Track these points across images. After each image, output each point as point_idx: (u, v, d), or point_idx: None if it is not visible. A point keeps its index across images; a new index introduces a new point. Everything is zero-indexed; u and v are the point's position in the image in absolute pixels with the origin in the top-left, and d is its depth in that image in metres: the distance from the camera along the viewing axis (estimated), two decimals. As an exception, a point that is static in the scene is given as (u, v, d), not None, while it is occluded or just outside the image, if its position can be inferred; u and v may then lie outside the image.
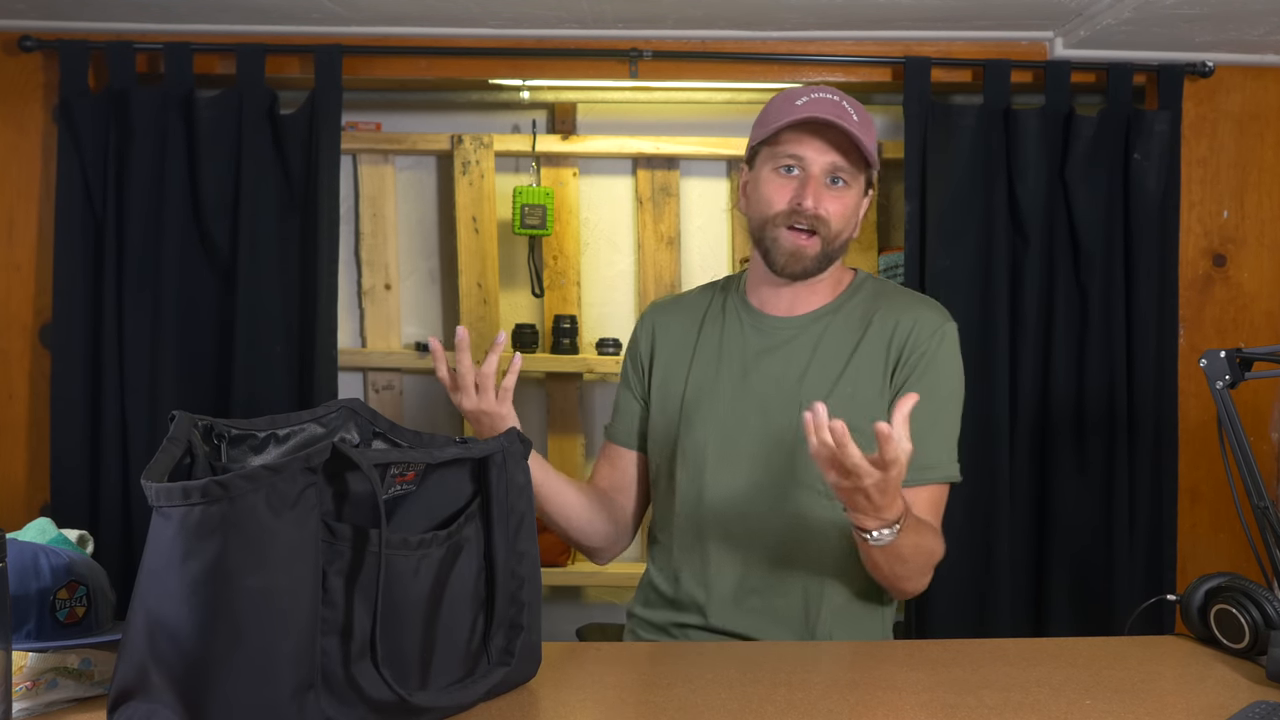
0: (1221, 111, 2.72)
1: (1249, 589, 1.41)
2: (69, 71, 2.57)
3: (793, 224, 1.56)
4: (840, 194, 1.57)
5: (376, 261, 2.92)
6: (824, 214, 1.56)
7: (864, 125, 1.57)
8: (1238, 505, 1.54)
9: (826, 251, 1.59)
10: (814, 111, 1.53)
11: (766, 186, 1.59)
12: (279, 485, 0.98)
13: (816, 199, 1.55)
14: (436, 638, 1.13)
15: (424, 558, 1.12)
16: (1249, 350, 1.57)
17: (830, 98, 1.56)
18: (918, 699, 1.23)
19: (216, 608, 0.96)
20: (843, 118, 1.53)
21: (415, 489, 1.13)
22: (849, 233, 1.62)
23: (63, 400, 2.57)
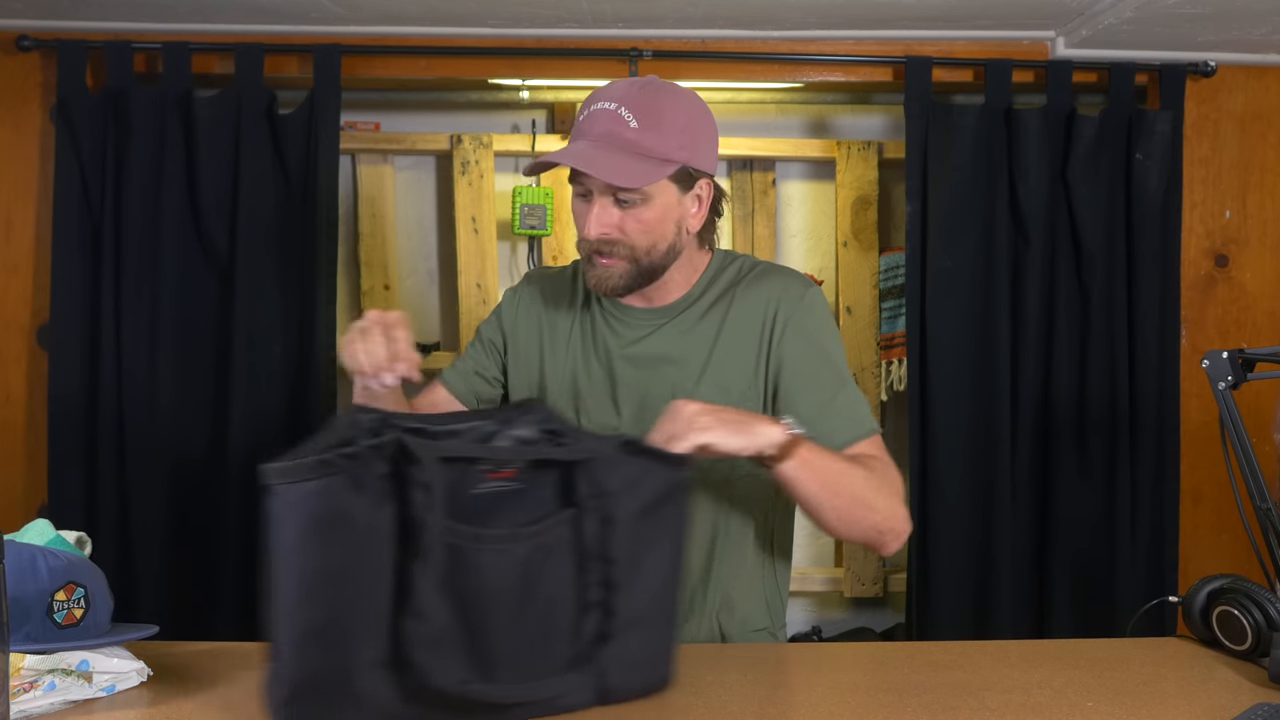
0: (1223, 111, 2.72)
1: (1251, 590, 1.41)
2: (67, 71, 2.56)
3: (590, 250, 1.51)
4: (634, 212, 1.48)
5: (375, 262, 2.91)
6: (618, 235, 1.49)
7: (649, 128, 1.45)
8: (1240, 506, 1.54)
9: (640, 267, 1.52)
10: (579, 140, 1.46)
11: (574, 210, 1.55)
12: (355, 471, 1.07)
13: (599, 226, 1.47)
14: (520, 634, 1.14)
15: (503, 553, 1.13)
16: (1251, 351, 1.56)
17: (607, 107, 1.46)
18: (919, 701, 1.23)
19: (298, 579, 1.05)
20: (612, 135, 1.44)
21: (522, 486, 1.16)
22: (666, 241, 1.52)
23: (60, 401, 2.56)
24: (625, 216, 1.48)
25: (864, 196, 2.84)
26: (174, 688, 1.25)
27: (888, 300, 2.83)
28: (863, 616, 2.97)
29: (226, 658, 1.37)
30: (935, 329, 2.60)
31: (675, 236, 1.53)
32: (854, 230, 2.85)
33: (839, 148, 2.86)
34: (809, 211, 2.99)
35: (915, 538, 2.60)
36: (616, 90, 1.48)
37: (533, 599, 1.14)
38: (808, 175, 3.00)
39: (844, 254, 2.85)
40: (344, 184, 2.79)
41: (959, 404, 2.60)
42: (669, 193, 1.50)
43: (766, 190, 2.92)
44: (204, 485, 2.57)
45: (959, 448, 2.60)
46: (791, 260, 2.97)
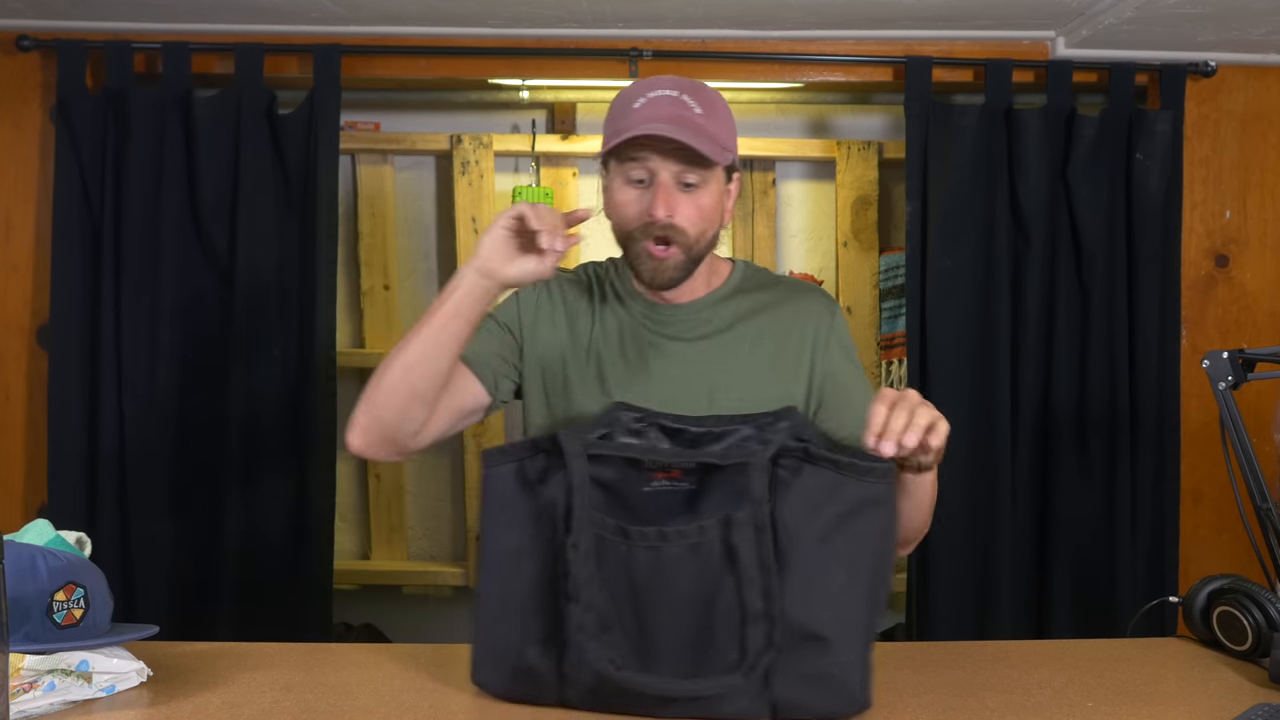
0: (1224, 111, 2.72)
1: (1251, 591, 1.41)
2: (66, 71, 2.56)
3: (649, 236, 1.50)
4: (694, 197, 1.50)
5: (375, 262, 2.91)
6: (678, 223, 1.49)
7: (710, 116, 1.49)
8: (1240, 507, 1.54)
9: (690, 258, 1.54)
10: (651, 120, 1.46)
11: (619, 198, 1.53)
12: (525, 463, 1.22)
13: (669, 208, 1.48)
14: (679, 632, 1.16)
15: (653, 551, 1.17)
16: (1251, 351, 1.56)
17: (668, 94, 1.49)
18: (919, 701, 1.23)
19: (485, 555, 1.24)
20: (682, 119, 1.46)
21: (692, 488, 1.20)
22: (713, 230, 1.56)
23: (60, 401, 2.56)
24: (685, 201, 1.50)
25: (864, 196, 2.84)
26: (174, 688, 1.25)
27: (888, 300, 2.83)
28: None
29: (226, 658, 1.37)
30: (935, 329, 2.60)
31: (716, 229, 1.56)
32: (854, 230, 2.85)
33: (839, 148, 2.86)
34: (809, 211, 2.99)
35: (915, 538, 2.60)
36: (667, 81, 1.52)
37: (689, 599, 1.17)
38: (808, 175, 3.00)
39: (844, 254, 2.85)
40: (344, 184, 2.79)
41: (959, 404, 2.59)
42: (719, 181, 1.54)
43: (766, 190, 2.92)
44: (204, 485, 2.57)
45: (959, 448, 2.59)
46: (792, 260, 2.97)
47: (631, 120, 1.48)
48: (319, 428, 2.56)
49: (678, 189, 1.49)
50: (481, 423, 2.82)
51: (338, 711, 1.18)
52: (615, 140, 1.47)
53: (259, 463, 2.56)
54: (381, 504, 2.95)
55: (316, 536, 2.55)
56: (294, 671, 1.32)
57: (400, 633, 2.87)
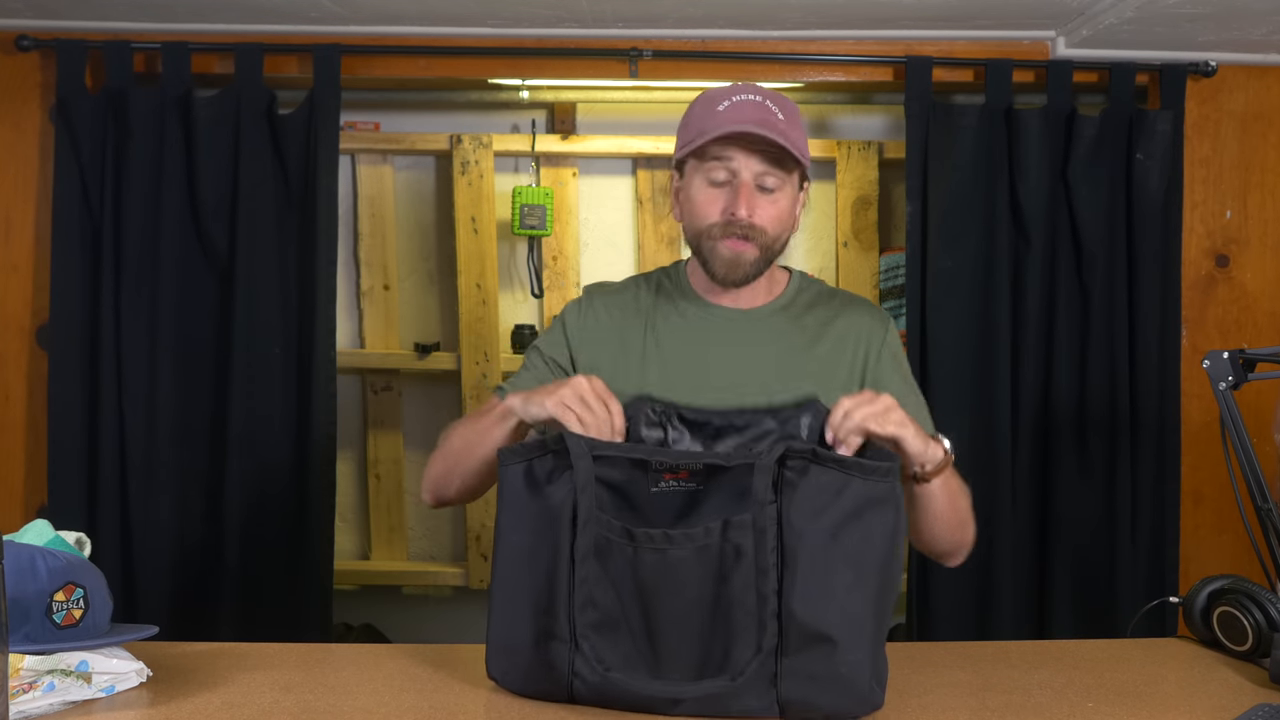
0: (1224, 111, 2.72)
1: (1252, 591, 1.41)
2: (66, 71, 2.56)
3: (729, 234, 1.53)
4: (773, 200, 1.54)
5: (375, 262, 2.91)
6: (758, 223, 1.53)
7: (791, 123, 1.53)
8: (1240, 507, 1.54)
9: (765, 257, 1.57)
10: (738, 121, 1.50)
11: (699, 197, 1.56)
12: (534, 463, 1.25)
13: (750, 208, 1.52)
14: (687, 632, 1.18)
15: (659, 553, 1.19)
16: (1252, 351, 1.56)
17: (753, 99, 1.53)
18: (919, 702, 1.23)
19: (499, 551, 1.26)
20: (767, 123, 1.49)
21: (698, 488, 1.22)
22: (787, 234, 1.60)
23: (60, 401, 2.56)
24: (765, 203, 1.53)
25: (864, 196, 2.84)
26: (173, 688, 1.24)
27: (888, 300, 2.83)
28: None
29: (226, 658, 1.37)
30: (935, 329, 2.59)
31: (789, 234, 1.60)
32: (854, 230, 2.85)
33: (839, 148, 2.86)
34: (809, 211, 2.99)
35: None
36: (750, 87, 1.56)
37: (696, 600, 1.18)
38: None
39: (844, 254, 2.85)
40: (344, 184, 2.79)
41: (959, 404, 2.59)
42: (795, 186, 1.57)
43: (767, 190, 2.92)
44: (203, 486, 2.57)
45: (959, 448, 2.58)
46: (792, 260, 2.97)
47: (717, 121, 1.51)
48: (319, 428, 2.56)
49: (756, 190, 1.53)
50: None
51: (337, 712, 1.18)
52: (703, 138, 1.50)
53: (259, 463, 2.56)
54: (381, 504, 2.95)
55: (316, 537, 2.55)
56: (294, 672, 1.32)
57: (400, 633, 2.87)
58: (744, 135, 1.49)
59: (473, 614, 2.94)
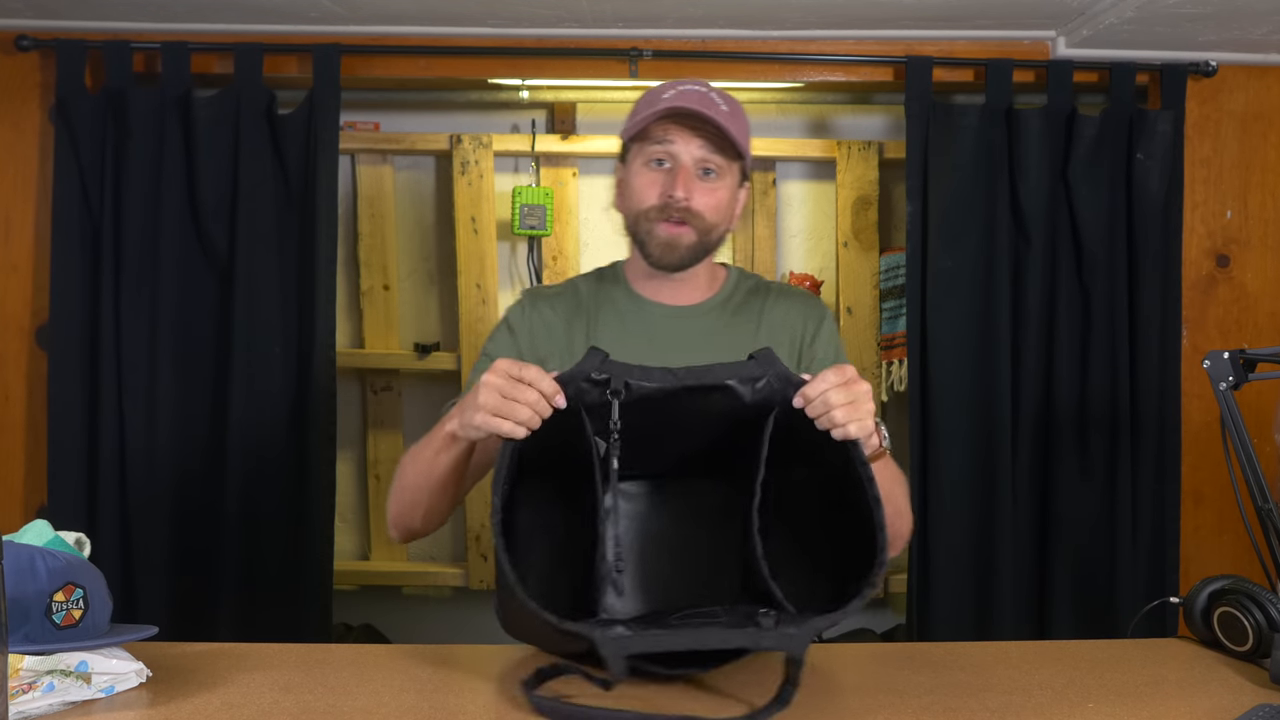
0: (1225, 111, 2.72)
1: (1252, 591, 1.40)
2: (66, 71, 2.56)
3: (666, 217, 1.55)
4: (712, 186, 1.56)
5: (375, 262, 2.91)
6: (696, 207, 1.54)
7: (733, 116, 1.54)
8: (1241, 507, 1.53)
9: (702, 243, 1.58)
10: (679, 103, 1.52)
11: (638, 180, 1.57)
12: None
13: (688, 190, 1.53)
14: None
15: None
16: (1252, 351, 1.56)
17: (697, 89, 1.55)
18: (919, 702, 1.22)
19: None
20: (709, 108, 1.51)
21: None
22: (724, 225, 1.60)
23: (60, 402, 2.56)
24: (704, 189, 1.54)
25: (864, 196, 2.84)
26: (173, 689, 1.24)
27: (888, 300, 2.83)
28: (863, 617, 2.97)
29: (226, 658, 1.37)
30: (936, 329, 2.59)
31: (726, 227, 1.61)
32: (854, 230, 2.85)
33: (839, 148, 2.85)
34: (809, 211, 2.99)
35: (916, 538, 2.60)
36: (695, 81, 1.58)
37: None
38: (808, 175, 2.99)
39: (844, 254, 2.85)
40: (343, 184, 2.79)
41: (960, 404, 2.59)
42: (734, 181, 1.59)
43: (767, 190, 2.92)
44: (203, 486, 2.57)
45: (960, 448, 2.59)
46: (792, 260, 2.97)
47: (659, 107, 1.53)
48: (319, 428, 2.56)
49: (698, 175, 1.54)
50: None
51: (337, 712, 1.18)
52: (643, 118, 1.52)
53: (258, 463, 2.56)
54: (381, 504, 2.93)
55: (316, 537, 2.55)
56: (293, 672, 1.32)
57: (400, 633, 2.87)
58: (684, 113, 1.50)
59: (473, 614, 2.94)
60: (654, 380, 1.25)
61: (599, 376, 1.24)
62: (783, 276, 2.93)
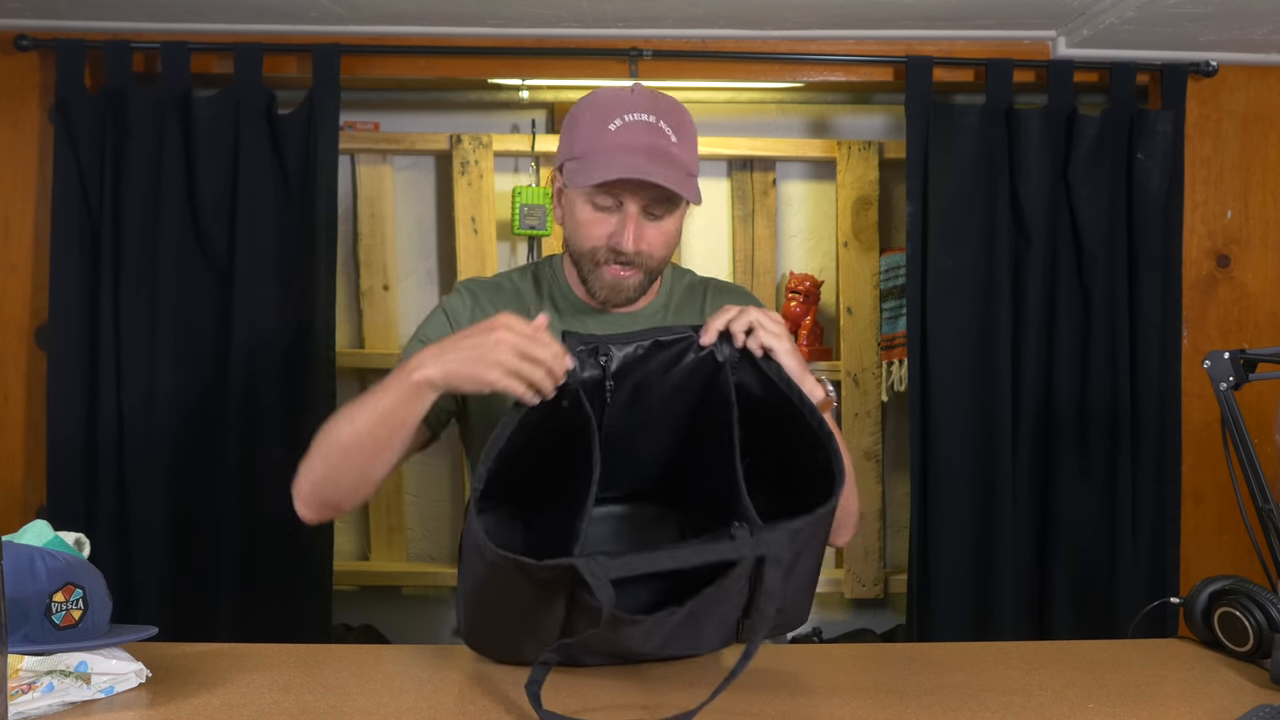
0: (1225, 111, 2.72)
1: (1253, 592, 1.40)
2: (65, 71, 2.56)
3: (612, 260, 1.50)
4: (659, 225, 1.50)
5: (374, 262, 2.90)
6: (644, 248, 1.49)
7: (683, 142, 1.47)
8: (1241, 508, 1.53)
9: (649, 279, 1.54)
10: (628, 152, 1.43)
11: (582, 217, 1.49)
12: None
13: (636, 238, 1.47)
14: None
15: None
16: (1253, 351, 1.56)
17: (645, 119, 1.46)
18: (920, 703, 1.22)
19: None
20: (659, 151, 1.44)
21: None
22: (670, 254, 1.56)
23: (59, 402, 2.56)
24: (652, 230, 1.50)
25: (864, 197, 2.84)
26: (173, 689, 1.24)
27: (888, 301, 2.83)
28: (863, 618, 2.97)
29: (225, 659, 1.36)
30: (936, 329, 2.59)
31: (672, 251, 1.57)
32: (854, 230, 2.84)
33: (839, 148, 2.85)
34: (809, 212, 2.99)
35: (916, 539, 2.60)
36: (641, 101, 1.49)
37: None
38: (808, 175, 2.99)
39: (844, 254, 2.85)
40: (343, 184, 2.79)
41: (960, 405, 2.59)
42: (682, 210, 1.53)
43: (767, 190, 2.92)
44: (203, 486, 2.57)
45: (960, 448, 2.59)
46: (792, 260, 2.97)
47: (607, 143, 1.45)
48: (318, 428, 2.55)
49: (643, 217, 1.48)
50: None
51: (337, 712, 1.18)
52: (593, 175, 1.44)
53: (258, 463, 2.56)
54: (381, 505, 2.95)
55: (316, 537, 2.55)
56: (293, 672, 1.32)
57: (399, 634, 2.87)
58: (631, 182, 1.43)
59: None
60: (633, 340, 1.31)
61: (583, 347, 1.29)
62: (783, 277, 2.93)
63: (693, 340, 1.35)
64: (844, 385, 2.83)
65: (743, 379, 1.34)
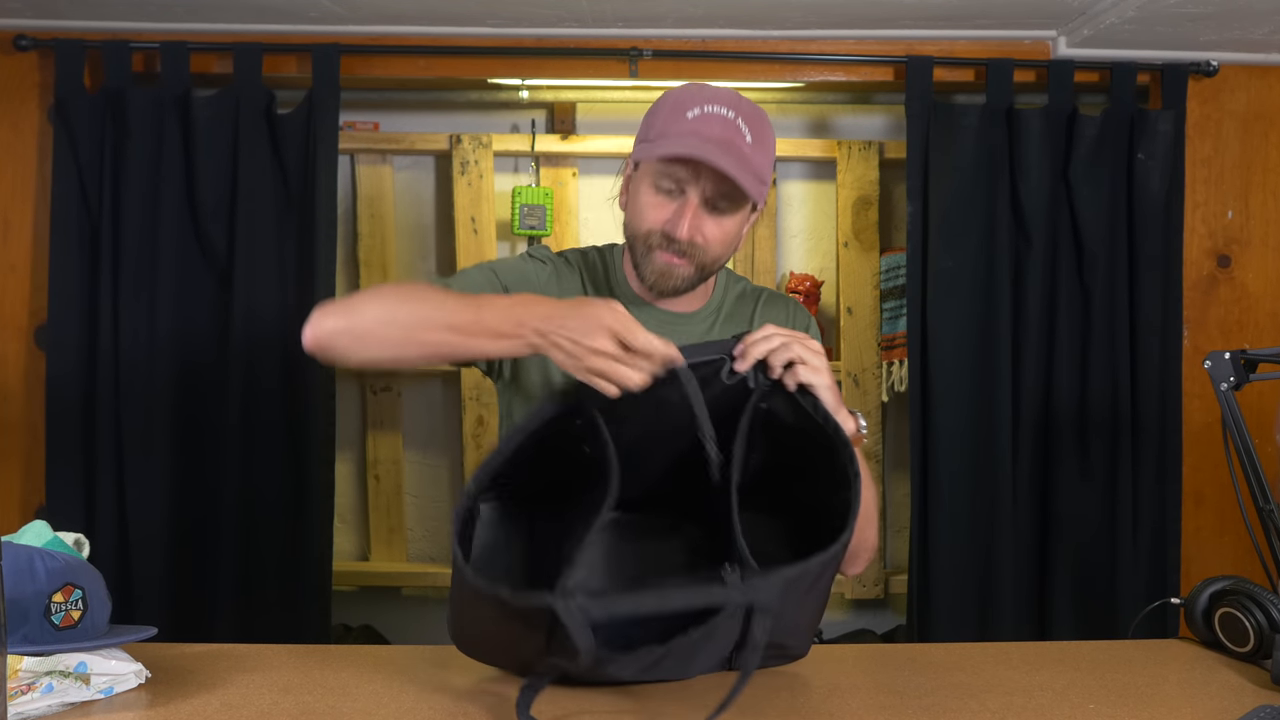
0: (1226, 111, 2.72)
1: (1254, 592, 1.40)
2: (65, 71, 2.56)
3: (665, 246, 1.48)
4: (720, 221, 1.48)
5: (374, 262, 2.90)
6: (700, 241, 1.48)
7: (758, 145, 1.46)
8: (1242, 508, 1.53)
9: (699, 274, 1.52)
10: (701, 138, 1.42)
11: (644, 199, 1.49)
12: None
13: (692, 228, 1.46)
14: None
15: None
16: (1254, 352, 1.56)
17: (724, 113, 1.45)
18: (920, 703, 1.22)
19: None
20: (731, 145, 1.43)
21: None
22: (727, 255, 1.55)
23: (58, 402, 2.56)
24: (711, 224, 1.47)
25: (865, 197, 2.84)
26: (172, 690, 1.24)
27: (889, 301, 2.83)
28: (864, 618, 2.97)
29: (225, 659, 1.36)
30: (936, 329, 2.59)
31: (729, 255, 1.55)
32: (855, 230, 2.84)
33: (840, 148, 2.85)
34: (810, 212, 2.98)
35: (916, 539, 2.60)
36: (725, 97, 1.48)
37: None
38: (808, 175, 2.99)
39: (845, 254, 2.85)
40: (343, 184, 2.79)
41: (960, 405, 2.59)
42: (745, 212, 1.52)
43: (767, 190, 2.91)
44: (202, 487, 2.56)
45: (960, 449, 2.59)
46: (792, 260, 2.97)
47: (682, 129, 1.44)
48: (318, 429, 2.55)
49: (704, 210, 1.47)
50: (481, 423, 2.82)
51: (336, 713, 1.18)
52: (660, 149, 1.43)
53: (257, 464, 2.56)
54: (381, 505, 2.94)
55: (315, 538, 2.55)
56: (292, 673, 1.32)
57: (399, 634, 2.87)
58: (699, 161, 1.42)
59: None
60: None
61: None
62: (783, 277, 2.93)
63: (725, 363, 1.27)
64: (844, 385, 2.83)
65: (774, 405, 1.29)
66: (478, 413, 2.84)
